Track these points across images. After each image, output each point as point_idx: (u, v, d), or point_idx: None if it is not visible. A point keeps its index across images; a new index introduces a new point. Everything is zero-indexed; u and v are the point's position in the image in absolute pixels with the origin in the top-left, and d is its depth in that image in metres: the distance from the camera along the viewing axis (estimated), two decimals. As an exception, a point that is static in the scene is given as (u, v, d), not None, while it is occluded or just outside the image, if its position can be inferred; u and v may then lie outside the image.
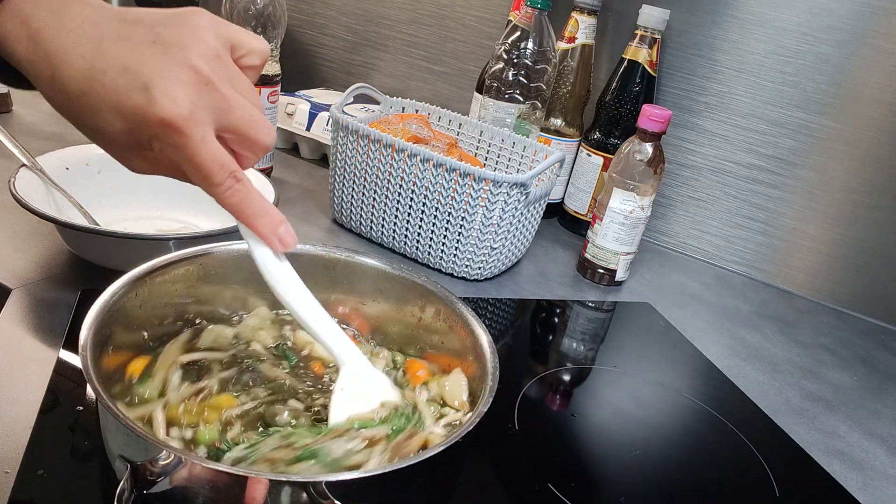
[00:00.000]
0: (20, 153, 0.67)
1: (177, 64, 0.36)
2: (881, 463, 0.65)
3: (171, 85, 0.35)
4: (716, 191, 1.02)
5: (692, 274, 1.00)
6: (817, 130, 0.94)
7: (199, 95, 0.36)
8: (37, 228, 0.70)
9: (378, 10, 1.22)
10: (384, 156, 0.78)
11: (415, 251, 0.82)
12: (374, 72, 1.26)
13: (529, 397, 0.62)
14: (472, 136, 0.92)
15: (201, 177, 0.38)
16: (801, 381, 0.77)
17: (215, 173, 0.37)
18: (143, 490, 0.34)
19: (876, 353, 0.88)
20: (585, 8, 0.97)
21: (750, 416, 0.68)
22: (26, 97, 1.07)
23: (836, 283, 0.98)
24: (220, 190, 0.38)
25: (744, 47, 0.96)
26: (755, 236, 1.01)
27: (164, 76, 0.35)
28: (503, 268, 0.84)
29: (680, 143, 1.03)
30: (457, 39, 1.17)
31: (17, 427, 0.46)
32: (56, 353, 0.54)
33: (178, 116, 0.35)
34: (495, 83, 0.91)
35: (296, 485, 0.35)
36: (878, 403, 0.76)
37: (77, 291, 0.62)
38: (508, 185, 0.74)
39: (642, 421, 0.64)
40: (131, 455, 0.35)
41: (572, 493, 0.51)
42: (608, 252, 0.86)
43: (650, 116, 0.80)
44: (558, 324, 0.79)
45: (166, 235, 0.63)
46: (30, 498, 0.41)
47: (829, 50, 0.91)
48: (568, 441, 0.59)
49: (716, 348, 0.80)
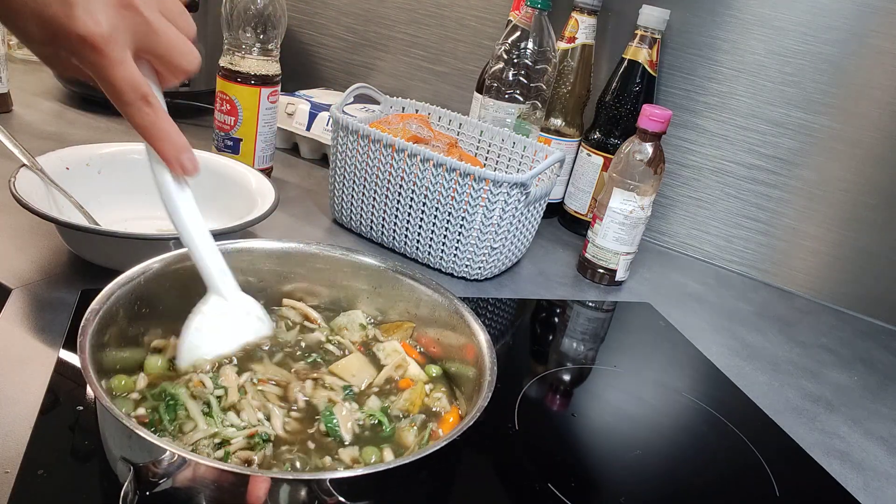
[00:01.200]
0: (20, 153, 0.67)
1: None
2: (881, 463, 0.65)
3: (92, 4, 0.36)
4: (716, 191, 1.02)
5: (692, 274, 1.00)
6: (817, 130, 0.94)
7: (121, 17, 0.37)
8: (37, 228, 0.70)
9: (378, 10, 1.22)
10: (384, 156, 0.78)
11: (415, 251, 0.82)
12: (374, 72, 1.26)
13: (529, 397, 0.62)
14: (472, 136, 0.92)
15: (113, 95, 0.39)
16: (801, 381, 0.77)
17: (126, 93, 0.39)
18: (146, 491, 0.34)
19: (876, 353, 0.88)
20: (585, 8, 0.97)
21: (750, 416, 0.68)
22: (26, 97, 1.07)
23: (836, 283, 0.98)
24: (131, 110, 0.40)
25: (744, 47, 0.96)
26: (755, 236, 1.01)
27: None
28: (503, 268, 0.84)
29: (680, 143, 1.03)
30: (457, 39, 1.17)
31: (17, 427, 0.46)
32: (56, 353, 0.54)
33: (97, 35, 0.37)
34: (495, 83, 0.91)
35: (300, 482, 0.35)
36: (878, 403, 0.76)
37: (77, 291, 0.62)
38: (508, 185, 0.74)
39: (642, 421, 0.64)
40: (134, 457, 0.35)
41: (572, 493, 0.51)
42: (608, 252, 0.86)
43: (650, 116, 0.80)
44: (558, 324, 0.79)
45: (166, 235, 0.63)
46: (30, 498, 0.41)
47: (829, 50, 0.91)
48: (568, 441, 0.59)
49: (716, 348, 0.80)
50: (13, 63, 1.18)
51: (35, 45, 0.39)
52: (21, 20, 0.37)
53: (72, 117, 1.05)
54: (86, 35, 0.36)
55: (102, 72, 0.38)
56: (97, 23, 0.36)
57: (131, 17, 0.38)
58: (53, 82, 1.16)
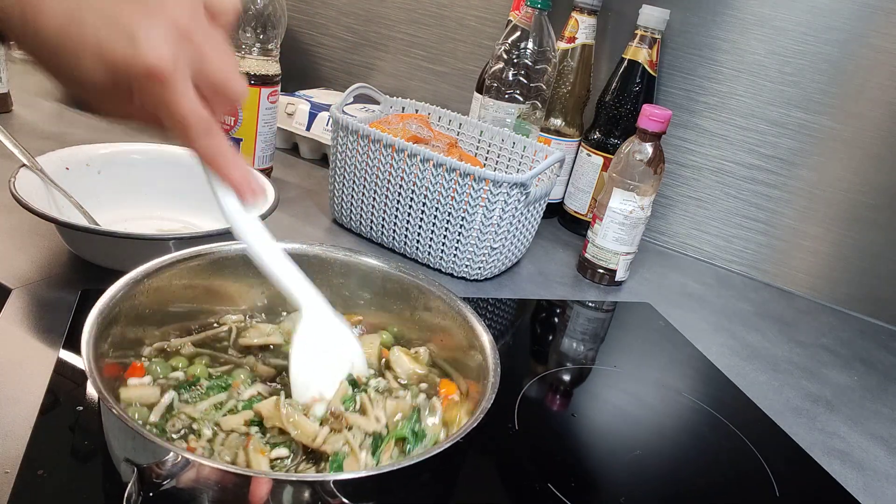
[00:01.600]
0: (20, 153, 0.67)
1: (158, 17, 0.36)
2: (881, 463, 0.65)
3: (155, 36, 0.36)
4: (716, 191, 1.02)
5: (692, 274, 1.00)
6: (817, 130, 0.94)
7: (181, 48, 0.37)
8: (37, 228, 0.70)
9: (378, 10, 1.22)
10: (384, 156, 0.78)
11: (415, 251, 0.82)
12: (374, 72, 1.26)
13: (529, 397, 0.62)
14: (472, 136, 0.92)
15: (180, 128, 0.39)
16: (801, 381, 0.77)
17: (193, 125, 0.39)
18: (150, 492, 0.34)
19: (876, 353, 0.88)
20: (585, 8, 0.97)
21: (750, 416, 0.68)
22: (26, 97, 1.07)
23: (836, 283, 0.98)
24: (199, 142, 0.39)
25: (744, 47, 0.96)
26: (755, 236, 1.01)
27: (148, 27, 0.36)
28: (503, 268, 0.84)
29: (680, 143, 1.03)
30: (457, 39, 1.17)
31: (17, 427, 0.46)
32: (56, 353, 0.54)
33: (164, 68, 0.36)
34: (495, 83, 0.91)
35: (303, 484, 0.35)
36: (878, 403, 0.76)
37: (77, 291, 0.62)
38: (508, 185, 0.74)
39: (642, 421, 0.64)
40: (137, 458, 0.35)
41: (572, 493, 0.51)
42: (608, 252, 0.86)
43: (650, 116, 0.80)
44: (558, 324, 0.79)
45: (166, 235, 0.63)
46: (30, 498, 0.41)
47: (829, 50, 0.91)
48: (568, 441, 0.59)
49: (716, 348, 0.80)
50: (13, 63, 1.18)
51: (91, 87, 0.38)
52: (79, 64, 0.36)
53: (72, 117, 1.05)
54: (152, 68, 0.36)
55: (169, 105, 0.37)
56: (162, 56, 0.36)
57: (189, 48, 0.37)
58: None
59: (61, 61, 0.37)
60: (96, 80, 0.37)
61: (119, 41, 0.36)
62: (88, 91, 0.38)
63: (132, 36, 0.35)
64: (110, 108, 0.40)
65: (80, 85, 0.38)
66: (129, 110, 0.40)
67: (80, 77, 0.37)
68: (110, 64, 0.36)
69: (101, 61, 0.36)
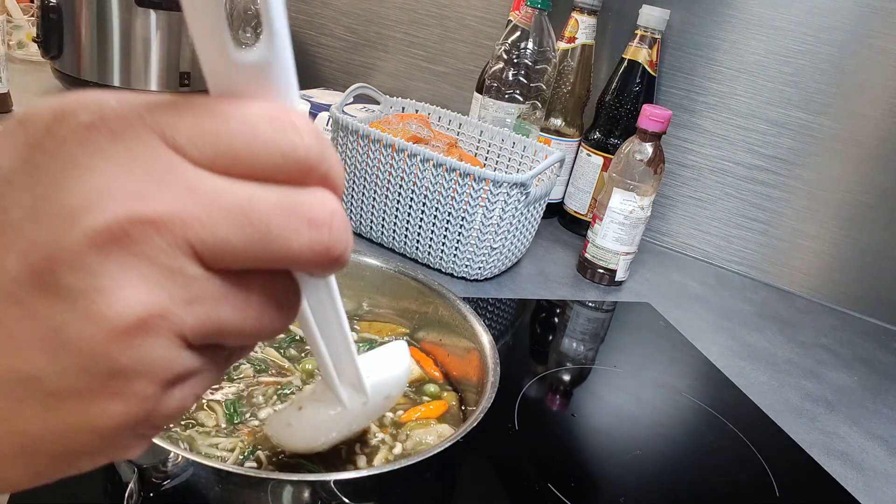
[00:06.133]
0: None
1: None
2: (881, 463, 0.65)
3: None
4: (716, 191, 1.02)
5: (692, 274, 1.00)
6: (817, 130, 0.94)
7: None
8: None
9: (378, 10, 1.22)
10: (384, 156, 0.78)
11: (415, 251, 0.82)
12: (374, 72, 1.26)
13: (529, 397, 0.62)
14: (472, 136, 0.92)
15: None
16: (801, 381, 0.77)
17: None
18: (150, 493, 0.34)
19: (876, 353, 0.88)
20: (585, 8, 0.97)
21: (750, 416, 0.68)
22: (26, 97, 1.07)
23: (836, 283, 0.98)
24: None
25: (744, 47, 0.96)
26: (755, 236, 1.01)
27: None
28: (503, 268, 0.84)
29: (680, 143, 1.03)
30: (457, 39, 1.17)
31: (18, 427, 0.46)
32: (56, 353, 0.54)
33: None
34: (495, 83, 0.91)
35: (304, 484, 0.35)
36: (878, 403, 0.76)
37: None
38: (508, 185, 0.74)
39: (642, 421, 0.64)
40: (138, 459, 0.35)
41: (572, 493, 0.51)
42: (608, 252, 0.86)
43: (650, 116, 0.80)
44: (558, 324, 0.79)
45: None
46: (30, 498, 0.41)
47: (829, 50, 0.91)
48: (568, 441, 0.59)
49: (716, 348, 0.80)
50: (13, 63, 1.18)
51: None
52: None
53: (72, 117, 1.05)
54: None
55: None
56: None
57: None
58: (54, 82, 1.16)
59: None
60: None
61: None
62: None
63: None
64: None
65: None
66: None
67: None
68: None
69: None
